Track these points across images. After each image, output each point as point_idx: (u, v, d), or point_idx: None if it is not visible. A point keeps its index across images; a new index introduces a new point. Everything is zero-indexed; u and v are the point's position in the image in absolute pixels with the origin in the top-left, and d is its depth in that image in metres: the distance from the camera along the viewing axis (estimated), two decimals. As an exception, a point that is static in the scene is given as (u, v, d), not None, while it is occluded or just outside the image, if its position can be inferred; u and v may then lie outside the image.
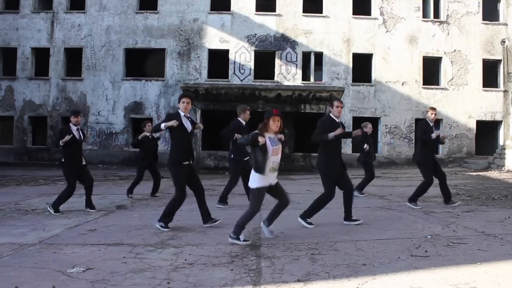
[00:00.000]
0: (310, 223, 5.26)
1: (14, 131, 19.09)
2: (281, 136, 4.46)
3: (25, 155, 18.92)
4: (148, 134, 8.29)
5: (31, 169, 15.62)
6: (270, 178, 4.40)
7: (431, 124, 6.83)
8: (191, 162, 5.20)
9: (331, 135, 5.10)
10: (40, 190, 9.60)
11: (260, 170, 4.29)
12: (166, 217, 5.17)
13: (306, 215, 5.31)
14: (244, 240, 4.39)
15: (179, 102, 5.26)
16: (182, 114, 5.15)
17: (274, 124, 4.34)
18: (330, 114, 5.49)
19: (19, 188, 10.01)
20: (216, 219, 5.38)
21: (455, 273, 3.36)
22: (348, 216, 5.46)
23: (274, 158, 4.38)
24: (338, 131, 5.12)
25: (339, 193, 5.55)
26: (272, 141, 4.36)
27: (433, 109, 7.04)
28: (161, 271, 3.47)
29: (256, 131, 4.38)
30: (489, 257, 3.79)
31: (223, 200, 7.11)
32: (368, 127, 8.55)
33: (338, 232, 4.94)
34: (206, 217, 5.35)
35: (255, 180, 4.35)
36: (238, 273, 3.42)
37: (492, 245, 4.23)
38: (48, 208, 6.41)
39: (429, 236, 4.65)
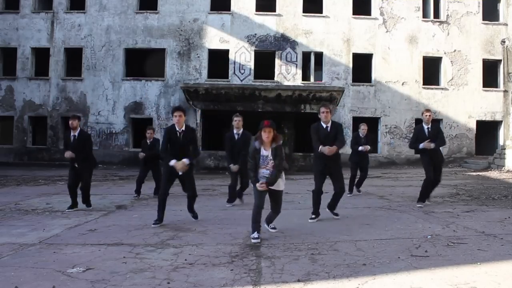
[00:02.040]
0: (313, 218, 5.65)
1: (14, 131, 19.08)
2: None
3: (25, 155, 18.92)
4: (148, 141, 8.46)
5: (31, 169, 15.63)
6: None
7: (426, 127, 7.00)
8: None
9: (321, 149, 5.48)
10: (40, 190, 9.59)
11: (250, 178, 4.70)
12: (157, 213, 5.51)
13: (312, 213, 5.69)
14: (254, 238, 4.47)
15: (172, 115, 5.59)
16: (176, 127, 5.47)
17: (265, 135, 4.49)
18: (321, 121, 5.65)
19: (19, 188, 10.00)
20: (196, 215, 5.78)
21: (455, 273, 3.36)
22: (331, 207, 5.83)
23: (262, 170, 4.57)
24: (324, 149, 5.45)
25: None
26: (263, 158, 4.55)
27: (427, 110, 7.24)
28: (161, 271, 3.47)
29: (255, 143, 4.64)
30: (489, 257, 3.79)
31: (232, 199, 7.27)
32: (361, 129, 8.52)
33: (338, 232, 4.94)
34: (189, 209, 5.84)
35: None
36: (238, 273, 3.42)
37: (492, 245, 4.23)
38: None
39: (429, 236, 4.65)
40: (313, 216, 5.64)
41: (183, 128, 5.47)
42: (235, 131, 7.13)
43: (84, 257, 3.92)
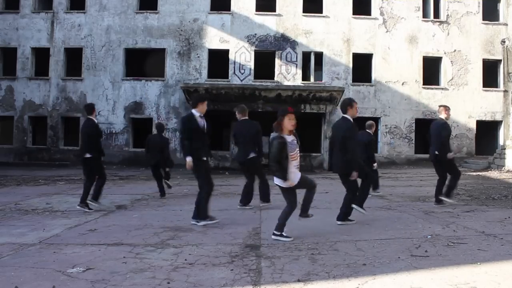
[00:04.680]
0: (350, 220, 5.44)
1: (14, 131, 19.08)
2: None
3: (25, 155, 18.92)
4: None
5: (31, 169, 15.62)
6: (294, 176, 4.46)
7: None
8: (208, 158, 5.56)
9: None
10: (40, 190, 9.59)
11: (285, 178, 4.34)
12: (201, 213, 5.39)
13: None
14: (287, 237, 4.48)
15: (196, 106, 5.49)
16: (197, 114, 5.44)
17: (290, 122, 4.30)
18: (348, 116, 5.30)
19: (19, 188, 10.00)
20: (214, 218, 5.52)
21: (455, 273, 3.36)
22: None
23: (294, 162, 4.40)
24: None
25: (338, 193, 5.57)
26: (290, 145, 4.34)
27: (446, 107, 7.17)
28: (161, 271, 3.47)
29: (278, 135, 4.31)
30: (489, 257, 3.79)
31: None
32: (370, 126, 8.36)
33: (338, 232, 4.93)
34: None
35: (281, 182, 4.42)
36: (238, 273, 3.42)
37: (492, 245, 4.23)
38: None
39: (429, 236, 4.65)
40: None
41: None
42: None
43: (84, 257, 3.92)
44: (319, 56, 19.05)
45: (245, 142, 6.59)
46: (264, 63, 18.76)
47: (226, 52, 18.89)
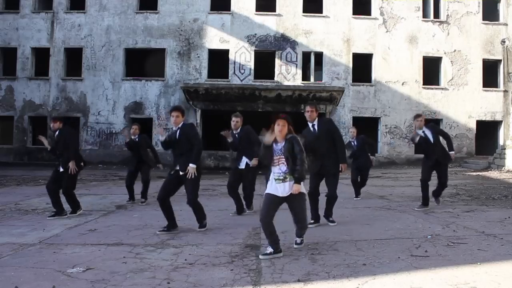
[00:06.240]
0: (311, 223, 5.26)
1: (14, 131, 19.09)
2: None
3: (25, 155, 18.92)
4: (133, 137, 7.74)
5: (31, 169, 15.63)
6: (274, 187, 3.96)
7: (421, 131, 6.61)
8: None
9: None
10: (40, 190, 9.57)
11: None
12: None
13: (311, 218, 5.34)
14: (262, 254, 3.94)
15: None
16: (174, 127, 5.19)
17: (278, 128, 4.00)
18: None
19: (19, 188, 10.01)
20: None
21: (455, 273, 3.36)
22: (326, 215, 5.51)
23: (273, 168, 4.01)
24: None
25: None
26: (275, 150, 4.02)
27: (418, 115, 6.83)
28: (161, 271, 3.47)
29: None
30: (489, 257, 3.78)
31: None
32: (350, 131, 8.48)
33: (338, 232, 4.93)
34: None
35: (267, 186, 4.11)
36: (238, 273, 3.42)
37: (492, 245, 4.23)
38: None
39: (429, 236, 4.65)
40: (312, 221, 5.25)
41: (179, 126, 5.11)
42: (234, 132, 6.63)
43: (84, 257, 3.92)
44: (319, 56, 19.05)
45: None
46: (264, 63, 18.77)
47: (226, 52, 18.89)
